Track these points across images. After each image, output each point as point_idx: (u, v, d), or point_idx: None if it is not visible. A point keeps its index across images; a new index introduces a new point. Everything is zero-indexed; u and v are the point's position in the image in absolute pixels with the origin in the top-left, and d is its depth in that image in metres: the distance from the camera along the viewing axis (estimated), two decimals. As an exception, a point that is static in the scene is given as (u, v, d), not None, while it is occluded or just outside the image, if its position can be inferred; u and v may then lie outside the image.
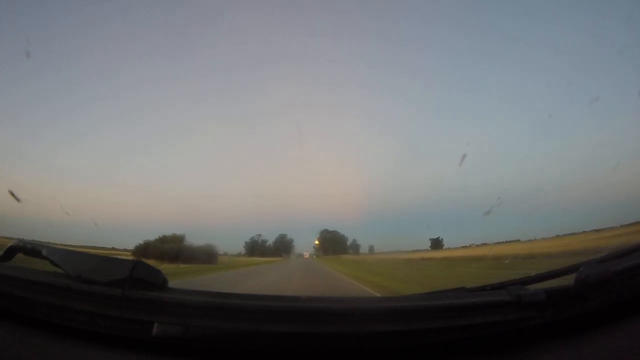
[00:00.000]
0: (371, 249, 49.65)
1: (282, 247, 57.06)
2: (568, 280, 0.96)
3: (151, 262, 1.18)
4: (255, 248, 55.21)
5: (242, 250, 53.59)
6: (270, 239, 58.11)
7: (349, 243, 57.52)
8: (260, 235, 57.06)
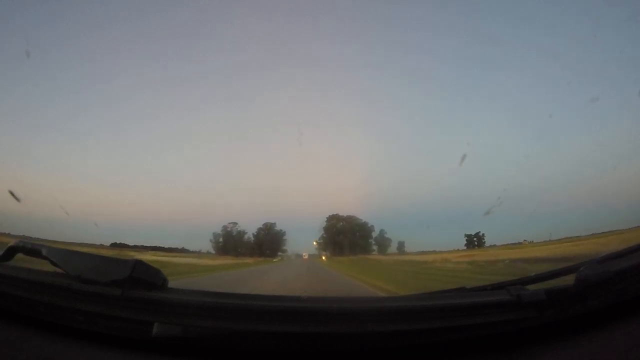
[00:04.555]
0: (401, 246, 35.92)
1: (269, 242, 38.20)
2: (568, 280, 0.96)
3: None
4: (229, 243, 37.26)
5: (204, 248, 36.51)
6: (251, 230, 38.65)
7: (374, 235, 37.62)
8: (235, 224, 37.38)
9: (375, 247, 37.80)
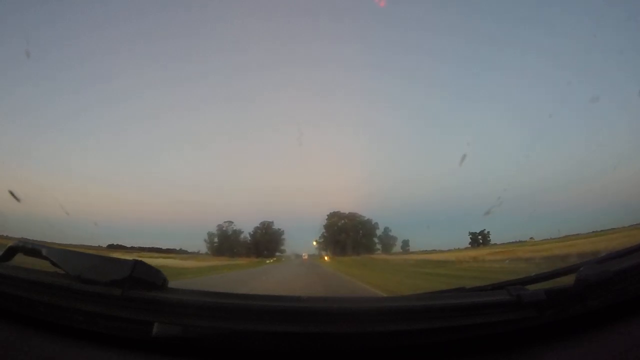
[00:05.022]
0: (405, 245, 32.15)
1: (266, 242, 35.71)
2: (568, 280, 0.96)
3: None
4: (224, 243, 34.95)
5: (204, 248, 34.26)
6: (250, 230, 35.72)
7: (378, 233, 34.46)
8: (231, 222, 35.03)
9: (379, 247, 34.56)
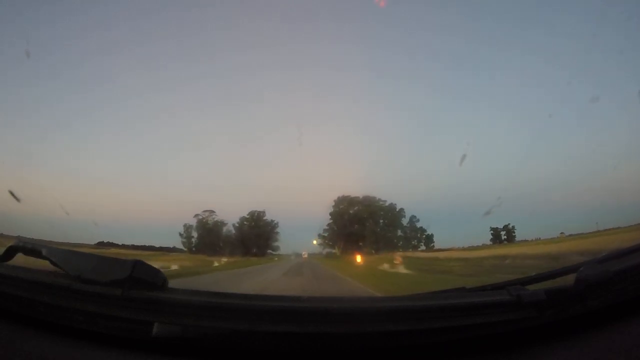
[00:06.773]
0: (429, 240, 26.54)
1: (255, 236, 28.21)
2: (568, 280, 0.96)
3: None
4: (204, 238, 27.17)
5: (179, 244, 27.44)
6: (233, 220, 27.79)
7: (404, 222, 26.20)
8: (212, 212, 27.70)
9: (401, 242, 26.33)
